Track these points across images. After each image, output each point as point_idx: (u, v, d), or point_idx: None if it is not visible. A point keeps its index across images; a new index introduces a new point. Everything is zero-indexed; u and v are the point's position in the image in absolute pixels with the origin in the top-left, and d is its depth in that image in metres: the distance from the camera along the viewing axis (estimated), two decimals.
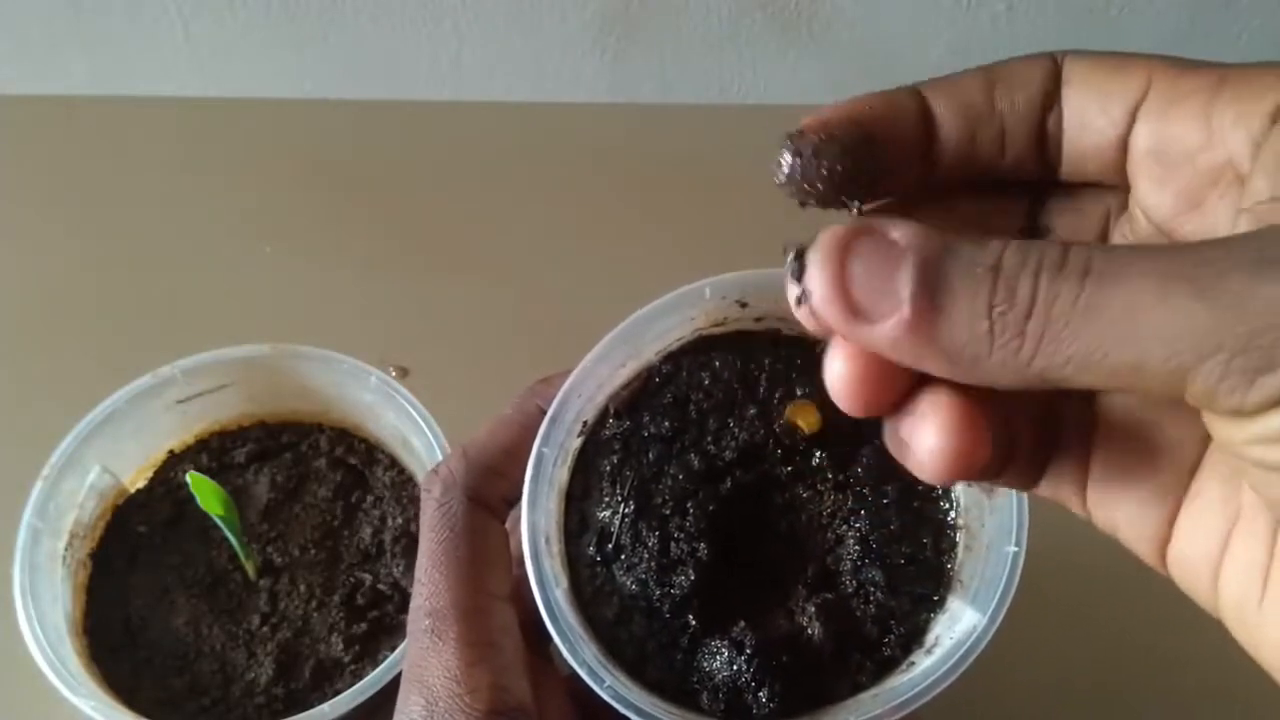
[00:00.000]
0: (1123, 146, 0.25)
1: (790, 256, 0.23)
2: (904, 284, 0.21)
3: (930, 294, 0.21)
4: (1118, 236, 0.27)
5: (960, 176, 0.27)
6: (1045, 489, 0.28)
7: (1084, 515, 0.27)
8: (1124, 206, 0.27)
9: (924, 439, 0.24)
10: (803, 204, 0.25)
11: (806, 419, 0.38)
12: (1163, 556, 0.26)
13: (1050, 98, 0.25)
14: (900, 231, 0.22)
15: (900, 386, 0.24)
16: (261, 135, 0.81)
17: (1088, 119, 0.25)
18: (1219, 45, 0.83)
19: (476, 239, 0.76)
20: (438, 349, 0.68)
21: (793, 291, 0.23)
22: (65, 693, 0.47)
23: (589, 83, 0.83)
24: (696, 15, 0.79)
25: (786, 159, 0.25)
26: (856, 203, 0.25)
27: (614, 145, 0.82)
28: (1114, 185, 0.26)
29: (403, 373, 0.65)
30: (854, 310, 0.22)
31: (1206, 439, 0.25)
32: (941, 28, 0.81)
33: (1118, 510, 0.26)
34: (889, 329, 0.22)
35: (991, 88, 0.26)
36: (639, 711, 0.34)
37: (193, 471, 0.52)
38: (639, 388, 0.39)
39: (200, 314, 0.70)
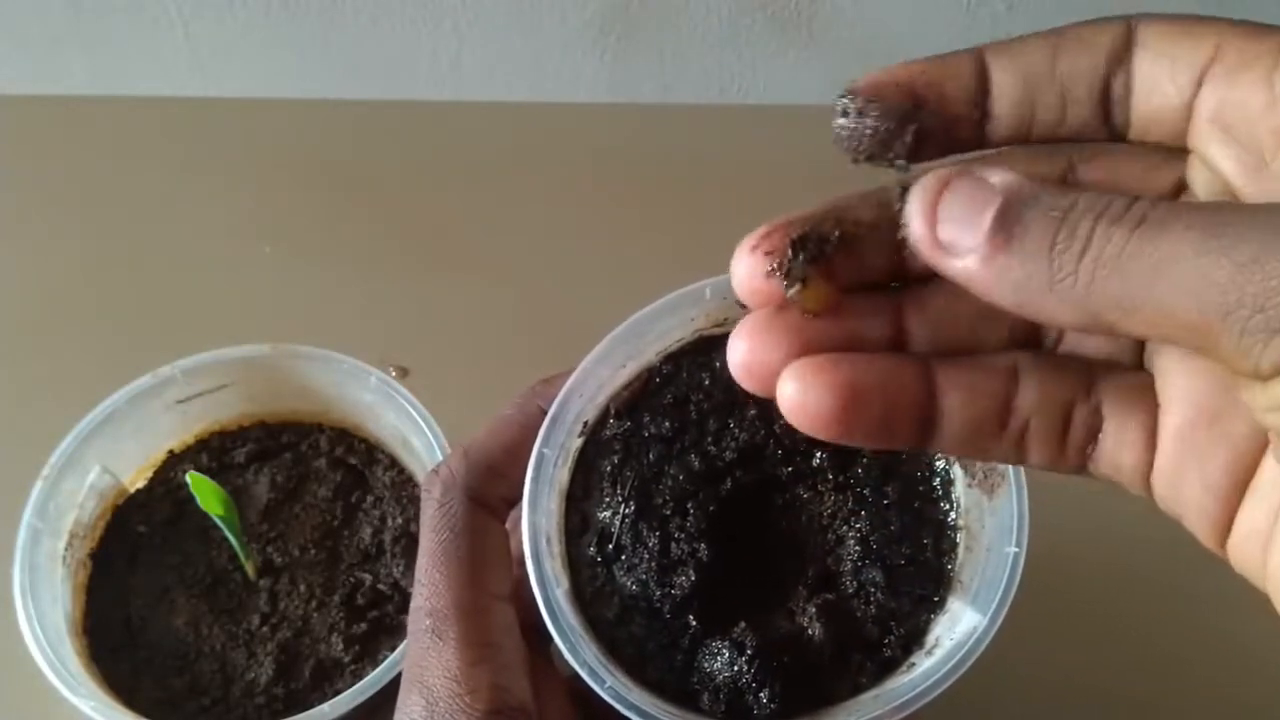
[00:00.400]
0: (1188, 112, 0.25)
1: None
2: (985, 222, 0.23)
3: (1005, 231, 0.23)
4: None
5: (1017, 140, 0.27)
6: (1100, 472, 0.27)
7: (1144, 496, 0.27)
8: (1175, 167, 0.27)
9: (782, 388, 0.25)
10: (854, 160, 0.26)
11: None
12: (1223, 540, 0.26)
13: (1117, 61, 0.26)
14: (999, 177, 0.23)
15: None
16: (261, 135, 0.81)
17: (1155, 84, 0.25)
18: None
19: (476, 239, 0.76)
20: (438, 349, 0.68)
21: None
22: (65, 693, 0.47)
23: (589, 83, 0.83)
24: (696, 15, 0.79)
25: (836, 118, 0.26)
26: (901, 161, 0.26)
27: (614, 145, 0.82)
28: (1180, 149, 0.26)
29: (403, 373, 0.65)
30: (939, 244, 0.23)
31: None
32: (941, 28, 0.81)
33: (1184, 493, 0.26)
34: (966, 264, 0.23)
35: (1056, 52, 0.26)
36: (639, 712, 0.34)
37: (193, 471, 0.52)
38: (640, 388, 0.39)
39: (200, 314, 0.70)
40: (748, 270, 0.26)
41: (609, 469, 0.38)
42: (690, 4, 0.79)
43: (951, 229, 0.23)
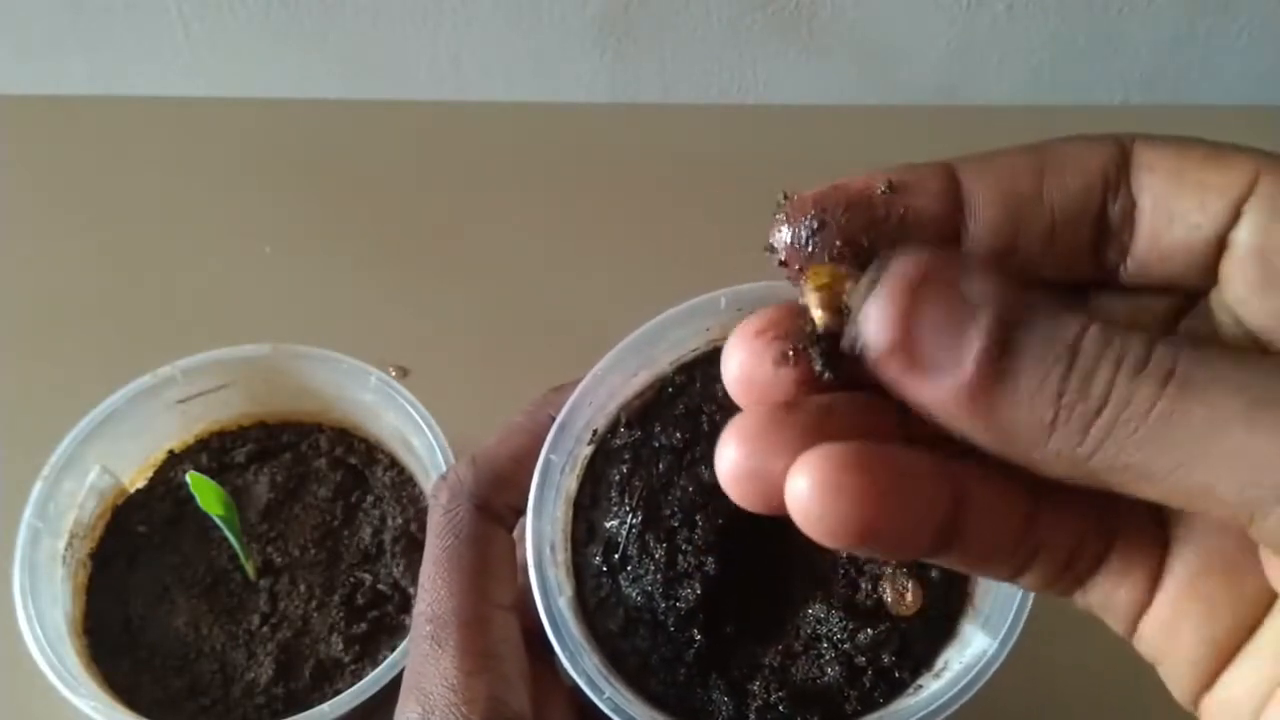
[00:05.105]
0: (1220, 244, 0.22)
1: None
2: (971, 344, 0.19)
3: (997, 362, 0.19)
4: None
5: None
6: (1086, 602, 0.24)
7: (1123, 635, 0.24)
8: (1182, 310, 0.23)
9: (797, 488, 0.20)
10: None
11: None
12: (1200, 695, 0.23)
13: (1112, 185, 0.22)
14: (981, 284, 0.19)
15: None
16: (261, 135, 0.81)
17: (1178, 211, 0.22)
18: (1219, 46, 0.83)
19: (477, 239, 0.76)
20: (438, 349, 0.68)
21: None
22: (65, 693, 0.47)
23: (589, 83, 0.83)
24: (696, 15, 0.79)
25: (777, 233, 0.22)
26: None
27: (614, 145, 0.82)
28: (1190, 287, 0.23)
29: (403, 373, 0.65)
30: (910, 358, 0.19)
31: None
32: (942, 28, 0.81)
33: (1176, 641, 0.23)
34: (946, 390, 0.19)
35: (1043, 172, 0.22)
36: None
37: (193, 471, 0.52)
38: (652, 397, 0.39)
39: (200, 314, 0.70)
40: (749, 361, 0.21)
41: (618, 478, 0.38)
42: (690, 4, 0.78)
43: (928, 346, 0.19)
